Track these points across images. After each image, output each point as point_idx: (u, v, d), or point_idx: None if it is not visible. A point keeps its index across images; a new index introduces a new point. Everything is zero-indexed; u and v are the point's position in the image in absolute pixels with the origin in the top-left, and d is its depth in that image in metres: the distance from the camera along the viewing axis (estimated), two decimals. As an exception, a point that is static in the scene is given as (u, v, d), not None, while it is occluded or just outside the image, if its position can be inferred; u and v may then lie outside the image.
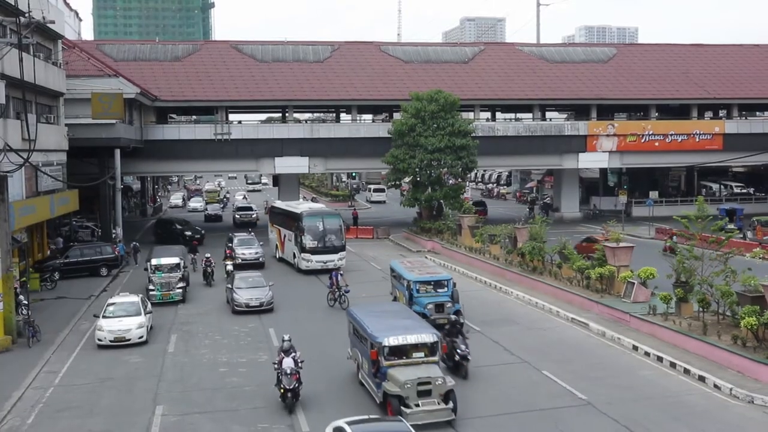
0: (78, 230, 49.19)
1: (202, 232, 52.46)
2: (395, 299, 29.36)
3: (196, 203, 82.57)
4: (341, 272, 32.35)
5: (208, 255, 36.92)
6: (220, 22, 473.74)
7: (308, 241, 38.94)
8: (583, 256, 33.47)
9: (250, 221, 61.65)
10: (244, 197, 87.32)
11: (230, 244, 41.02)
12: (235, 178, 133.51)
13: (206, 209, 72.72)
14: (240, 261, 39.90)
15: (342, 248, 39.60)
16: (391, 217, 66.87)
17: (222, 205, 79.82)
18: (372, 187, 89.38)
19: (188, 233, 50.12)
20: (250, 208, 66.04)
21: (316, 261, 38.91)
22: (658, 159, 63.15)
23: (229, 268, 36.76)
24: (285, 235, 42.87)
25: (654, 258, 33.50)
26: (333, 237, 39.36)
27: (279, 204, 47.36)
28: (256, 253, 41.36)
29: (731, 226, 43.17)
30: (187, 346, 25.81)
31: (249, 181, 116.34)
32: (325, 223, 39.58)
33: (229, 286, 31.28)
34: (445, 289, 27.68)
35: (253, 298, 30.17)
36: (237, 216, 63.31)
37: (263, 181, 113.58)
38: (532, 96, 60.96)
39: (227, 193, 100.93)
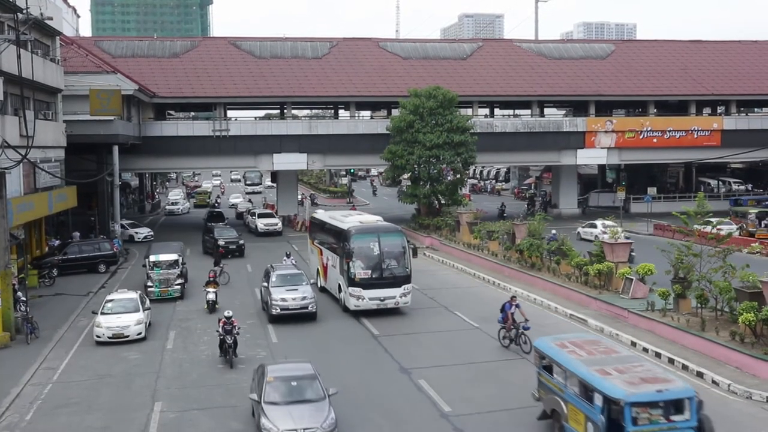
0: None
1: (240, 242, 44.95)
2: (547, 416, 17.23)
3: (176, 205, 71.66)
4: (517, 302, 24.81)
5: (230, 314, 23.08)
6: (219, 19, 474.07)
7: (358, 270, 28.45)
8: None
9: (275, 231, 53.99)
10: (249, 200, 78.07)
11: (265, 284, 29.31)
12: (239, 181, 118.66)
13: (186, 212, 67.00)
14: (278, 311, 27.86)
15: (406, 279, 29.00)
16: (389, 213, 66.76)
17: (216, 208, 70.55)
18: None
19: (221, 243, 43.35)
20: (272, 215, 57.08)
21: (369, 299, 28.46)
22: (657, 155, 63.21)
23: (211, 297, 28.55)
24: (328, 258, 32.40)
25: (652, 254, 33.53)
26: (393, 263, 28.97)
27: (319, 215, 36.29)
28: (303, 298, 28.01)
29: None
30: (185, 342, 25.81)
31: (248, 182, 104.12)
32: (383, 244, 29.01)
33: (255, 397, 17.30)
34: (686, 415, 14.53)
35: (299, 429, 16.03)
36: (261, 226, 54.26)
37: (267, 183, 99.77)
38: (531, 92, 60.95)
39: (219, 196, 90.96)
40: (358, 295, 28.54)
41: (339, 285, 30.22)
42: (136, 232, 52.18)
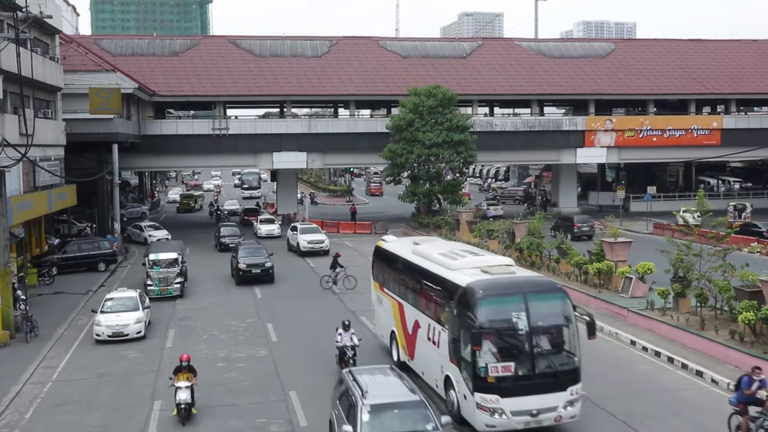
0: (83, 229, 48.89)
1: (268, 264, 35.96)
2: None
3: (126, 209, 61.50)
4: (763, 376, 16.27)
5: None
6: (218, 17, 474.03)
7: (491, 362, 16.18)
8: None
9: (321, 250, 44.23)
10: (257, 204, 72.13)
11: (347, 415, 14.68)
12: (243, 186, 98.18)
13: (138, 216, 61.54)
14: None
15: (573, 376, 16.66)
16: (389, 212, 66.86)
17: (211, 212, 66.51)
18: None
19: (242, 266, 35.51)
20: (318, 230, 46.52)
21: (512, 413, 16.13)
22: (656, 154, 63.23)
23: (183, 396, 17.98)
24: (417, 323, 20.18)
25: (651, 253, 33.53)
26: (550, 348, 16.84)
27: (393, 247, 23.71)
28: None
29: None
30: (185, 341, 25.79)
31: (245, 186, 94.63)
32: (533, 314, 16.45)
33: None
34: None
35: None
36: (304, 243, 44.41)
37: (274, 190, 73.91)
38: (530, 91, 60.95)
39: (213, 202, 73.00)
40: (493, 408, 16.11)
41: (448, 378, 17.78)
42: (150, 235, 48.68)
